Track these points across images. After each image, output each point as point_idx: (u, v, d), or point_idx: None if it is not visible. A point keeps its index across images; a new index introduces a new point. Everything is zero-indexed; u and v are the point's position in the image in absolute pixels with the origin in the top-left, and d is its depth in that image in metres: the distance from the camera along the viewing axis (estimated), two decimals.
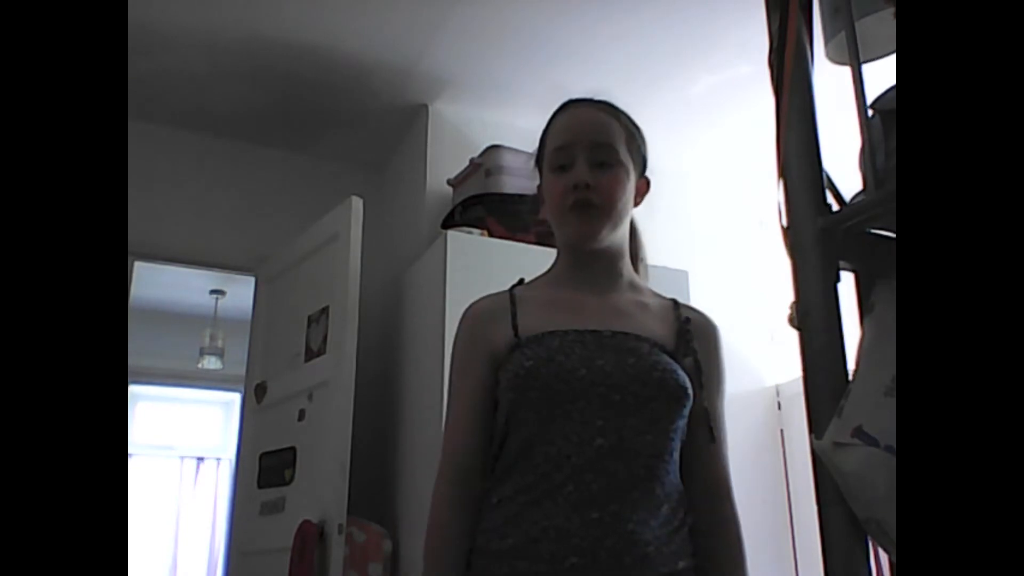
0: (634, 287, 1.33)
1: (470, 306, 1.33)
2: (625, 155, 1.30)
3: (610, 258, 1.31)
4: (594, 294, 1.28)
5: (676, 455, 1.20)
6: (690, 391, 1.20)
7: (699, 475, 1.24)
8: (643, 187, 1.37)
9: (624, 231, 1.32)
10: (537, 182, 1.39)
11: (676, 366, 1.20)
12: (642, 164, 1.36)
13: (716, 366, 1.29)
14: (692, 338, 1.26)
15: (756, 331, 3.52)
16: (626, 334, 1.21)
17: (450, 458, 1.23)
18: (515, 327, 1.24)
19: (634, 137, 1.34)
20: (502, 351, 1.23)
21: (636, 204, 1.36)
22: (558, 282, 1.32)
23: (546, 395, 1.16)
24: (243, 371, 3.25)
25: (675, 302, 1.33)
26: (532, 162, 1.40)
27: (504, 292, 1.32)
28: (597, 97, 1.35)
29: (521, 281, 1.36)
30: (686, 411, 1.20)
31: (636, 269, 1.39)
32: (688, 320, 1.29)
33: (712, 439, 1.24)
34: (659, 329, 1.26)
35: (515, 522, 1.13)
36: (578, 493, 1.11)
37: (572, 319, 1.23)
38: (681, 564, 1.14)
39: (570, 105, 1.35)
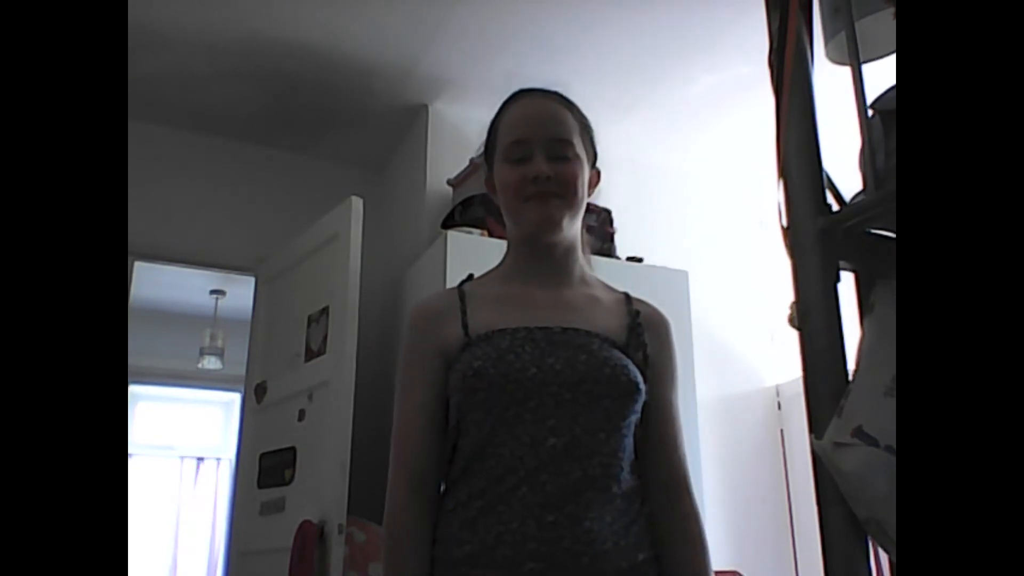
0: (585, 281, 1.31)
1: (417, 304, 1.31)
2: (580, 148, 1.27)
3: (564, 251, 1.28)
4: (545, 289, 1.26)
5: (630, 450, 1.18)
6: (642, 386, 1.18)
7: (656, 470, 1.22)
8: (595, 178, 1.33)
9: (579, 223, 1.30)
10: (485, 175, 1.35)
11: (627, 361, 1.18)
12: (594, 155, 1.33)
13: (668, 359, 1.27)
14: (643, 332, 1.24)
15: (756, 331, 3.52)
16: (576, 330, 1.19)
17: (404, 462, 1.21)
18: (465, 325, 1.21)
19: (587, 129, 1.32)
20: (452, 350, 1.20)
21: (589, 195, 1.33)
22: (508, 277, 1.29)
23: (496, 396, 1.14)
24: (243, 371, 3.25)
25: (627, 295, 1.31)
26: (480, 153, 1.36)
27: (453, 289, 1.30)
28: (549, 88, 1.33)
29: (471, 277, 1.33)
30: (638, 406, 1.18)
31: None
32: (639, 314, 1.27)
33: (667, 433, 1.24)
34: (610, 323, 1.23)
35: (471, 528, 1.11)
36: (532, 495, 1.09)
37: (522, 316, 1.21)
38: (641, 556, 1.13)
39: (523, 96, 1.32)
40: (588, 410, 1.14)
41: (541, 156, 1.24)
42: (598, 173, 1.34)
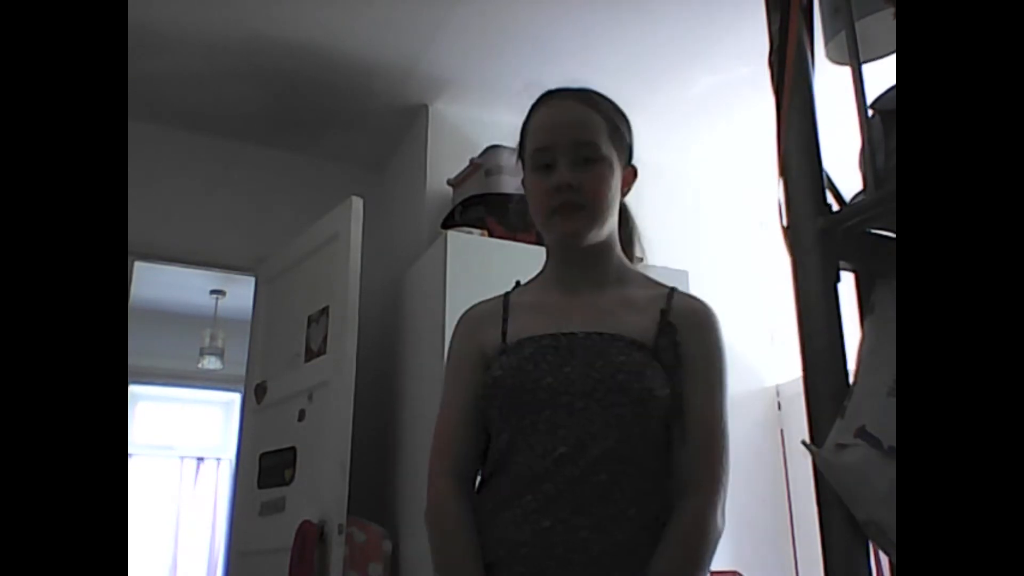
0: (623, 280, 1.29)
1: (467, 310, 1.35)
2: (608, 148, 1.25)
3: (596, 255, 1.28)
4: (580, 294, 1.26)
5: (649, 459, 1.15)
6: (657, 392, 1.15)
7: (677, 471, 1.18)
8: (629, 176, 1.32)
9: (612, 225, 1.29)
10: (522, 176, 1.36)
11: (645, 367, 1.16)
12: (627, 153, 1.32)
13: (703, 357, 1.21)
14: (675, 330, 1.21)
15: (756, 331, 3.52)
16: (601, 334, 1.19)
17: (441, 454, 1.23)
18: (504, 332, 1.25)
19: (617, 127, 1.29)
20: (491, 356, 1.24)
21: (624, 194, 1.32)
22: (547, 284, 1.32)
23: (512, 406, 1.17)
24: (243, 371, 3.25)
25: (671, 292, 1.28)
26: (515, 157, 1.37)
27: (499, 297, 1.33)
28: (576, 86, 1.32)
29: (519, 283, 1.36)
30: (654, 412, 1.15)
31: (630, 256, 1.36)
32: (673, 312, 1.23)
33: (690, 433, 1.17)
34: (640, 325, 1.21)
35: (480, 532, 1.15)
36: (535, 503, 1.11)
37: (554, 322, 1.22)
38: (639, 567, 1.10)
39: (549, 98, 1.31)
40: (599, 418, 1.13)
41: (565, 163, 1.23)
42: (633, 171, 1.33)
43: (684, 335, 1.21)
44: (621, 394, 1.14)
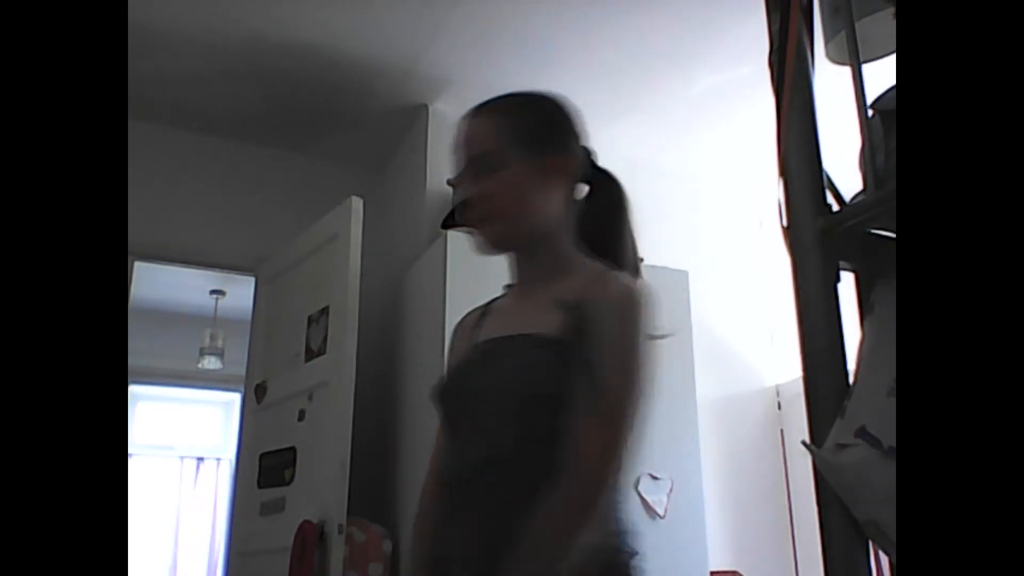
0: (568, 272, 1.23)
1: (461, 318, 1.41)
2: (508, 152, 1.22)
3: (530, 255, 1.26)
4: (529, 294, 1.26)
5: (543, 455, 1.10)
6: (540, 390, 1.13)
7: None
8: (555, 165, 1.25)
9: (540, 221, 1.24)
10: None
11: (536, 366, 1.14)
12: (550, 143, 1.26)
13: (598, 346, 1.12)
14: (583, 322, 1.14)
15: (756, 331, 3.52)
16: (512, 337, 1.20)
17: (433, 456, 1.31)
18: (474, 340, 1.29)
19: (523, 124, 1.26)
20: None
21: (556, 184, 1.25)
22: (515, 288, 1.34)
23: (444, 413, 1.25)
24: (243, 371, 3.25)
25: (594, 281, 1.19)
26: None
27: (485, 304, 1.37)
28: (485, 100, 1.33)
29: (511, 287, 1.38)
30: (542, 410, 1.12)
31: (620, 245, 1.30)
32: (585, 303, 1.15)
33: (569, 426, 1.10)
34: (555, 320, 1.15)
35: None
36: (446, 504, 1.20)
37: (502, 326, 1.26)
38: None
39: (459, 124, 1.34)
40: (496, 421, 1.16)
41: (469, 179, 1.26)
42: (559, 159, 1.26)
43: (592, 326, 1.14)
44: (508, 397, 1.16)
